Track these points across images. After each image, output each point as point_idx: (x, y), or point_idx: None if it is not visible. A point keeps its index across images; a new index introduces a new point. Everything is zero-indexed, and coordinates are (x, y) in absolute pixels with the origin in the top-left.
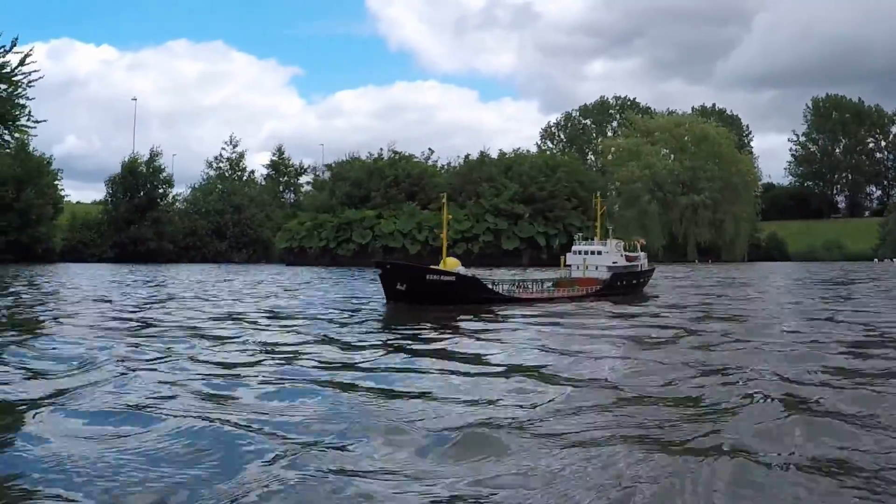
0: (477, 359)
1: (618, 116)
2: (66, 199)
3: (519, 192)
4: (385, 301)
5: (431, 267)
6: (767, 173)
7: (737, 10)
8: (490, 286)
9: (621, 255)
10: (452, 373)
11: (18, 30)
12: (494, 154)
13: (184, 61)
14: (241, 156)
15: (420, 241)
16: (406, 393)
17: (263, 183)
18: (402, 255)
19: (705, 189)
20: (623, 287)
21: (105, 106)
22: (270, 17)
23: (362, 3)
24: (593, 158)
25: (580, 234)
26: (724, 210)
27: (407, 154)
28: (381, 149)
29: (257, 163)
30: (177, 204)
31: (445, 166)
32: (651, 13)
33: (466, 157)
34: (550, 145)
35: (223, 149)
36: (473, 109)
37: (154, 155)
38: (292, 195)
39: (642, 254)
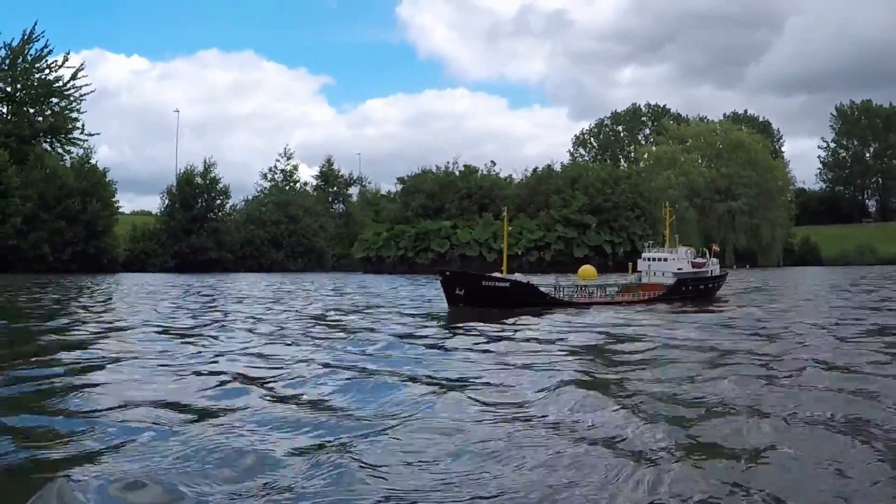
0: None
1: (650, 124)
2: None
3: (586, 203)
4: (447, 305)
5: (487, 274)
6: (801, 179)
7: (767, 13)
8: (552, 291)
9: (688, 262)
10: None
11: (51, 41)
12: (558, 166)
13: (215, 71)
14: (296, 167)
15: (496, 249)
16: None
17: (314, 193)
18: (479, 263)
19: (742, 195)
20: (690, 291)
21: (137, 116)
22: (300, 25)
23: (392, 12)
24: (626, 165)
25: (650, 242)
26: (760, 216)
27: (475, 167)
28: (448, 162)
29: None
30: (233, 214)
31: (509, 178)
32: (681, 18)
33: (534, 169)
34: (583, 152)
35: (277, 160)
36: (503, 117)
37: (209, 166)
38: (342, 206)
39: (713, 260)
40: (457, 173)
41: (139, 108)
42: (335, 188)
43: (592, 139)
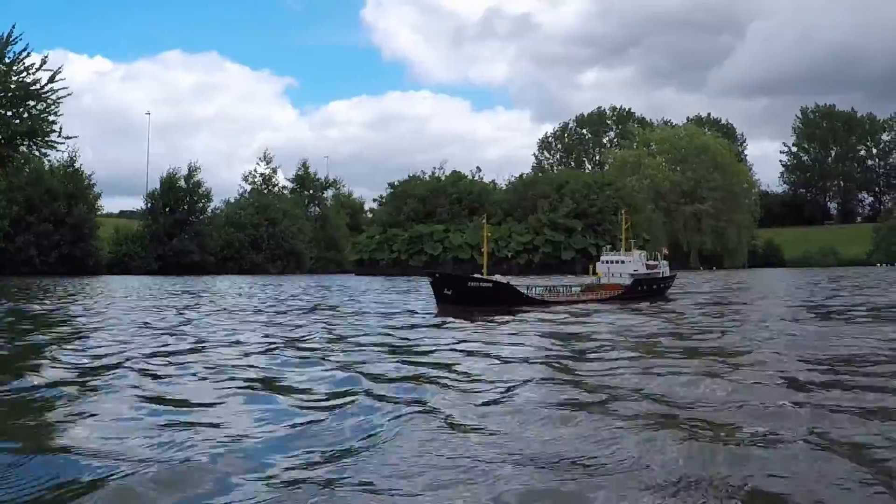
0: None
1: (615, 127)
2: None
3: (573, 209)
4: (436, 303)
5: (472, 276)
6: (765, 182)
7: (731, 19)
8: (523, 291)
9: (643, 264)
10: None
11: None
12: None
13: (178, 72)
14: (274, 171)
15: (488, 252)
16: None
17: (290, 196)
18: (471, 265)
19: (707, 198)
20: (644, 291)
21: (100, 117)
22: (265, 27)
23: (357, 14)
24: (590, 168)
25: (608, 247)
26: (725, 218)
27: (463, 173)
28: (435, 168)
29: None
30: (214, 218)
31: (492, 182)
32: (645, 22)
33: (521, 175)
34: (548, 155)
35: (258, 164)
36: (466, 119)
37: (193, 170)
38: (317, 208)
39: (664, 262)
40: (442, 178)
41: (102, 110)
42: (311, 191)
43: (557, 142)
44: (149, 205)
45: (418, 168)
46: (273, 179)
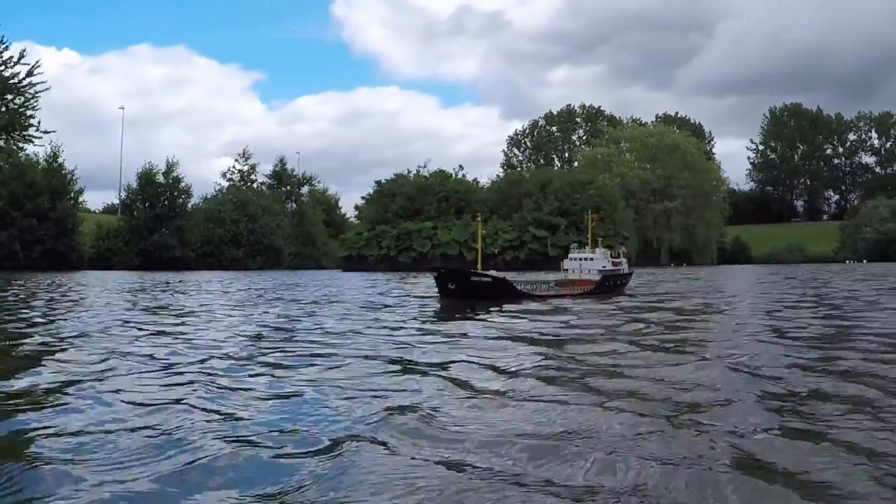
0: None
1: (584, 125)
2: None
3: (557, 207)
4: (439, 297)
5: (473, 271)
6: (733, 180)
7: (700, 18)
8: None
9: (609, 261)
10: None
11: None
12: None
13: (146, 66)
14: (253, 167)
15: (475, 248)
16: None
17: (267, 192)
18: (459, 261)
19: (677, 196)
20: (610, 287)
21: (68, 110)
22: (234, 21)
23: (327, 9)
24: (559, 165)
25: (575, 245)
26: (695, 216)
27: (448, 172)
28: (419, 167)
29: (218, 169)
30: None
31: (475, 181)
32: (615, 21)
33: (505, 174)
34: (517, 153)
35: (236, 160)
36: (434, 115)
37: (171, 165)
38: (293, 205)
39: (624, 260)
40: (426, 176)
41: (71, 103)
42: (288, 187)
43: (527, 139)
44: (127, 200)
45: (386, 164)
46: (252, 176)
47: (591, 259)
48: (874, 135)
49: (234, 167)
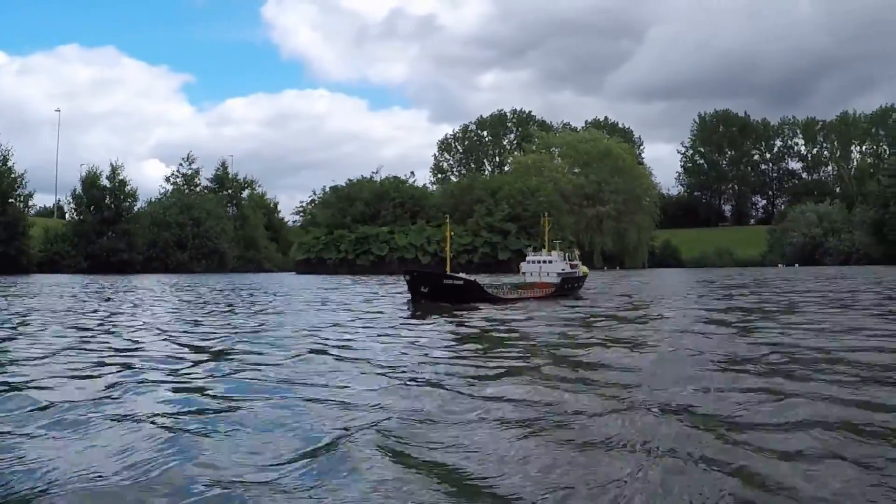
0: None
1: (515, 129)
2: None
3: (508, 213)
4: (411, 300)
5: (446, 273)
6: (660, 185)
7: (630, 24)
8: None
9: (567, 264)
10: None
11: None
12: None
13: (75, 66)
14: (197, 171)
15: (430, 252)
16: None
17: (212, 196)
18: (415, 264)
19: (609, 201)
20: (568, 289)
21: None
22: (164, 22)
23: (257, 11)
24: (490, 170)
25: (531, 248)
26: (627, 220)
27: (403, 178)
28: (373, 172)
29: (149, 173)
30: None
31: (424, 186)
32: (546, 25)
33: (458, 181)
34: (448, 157)
35: (181, 164)
36: (362, 118)
37: (116, 168)
38: (234, 208)
39: (579, 262)
40: (377, 181)
41: None
42: (230, 191)
43: (457, 144)
44: (72, 203)
45: (314, 166)
46: (195, 180)
47: (550, 262)
48: (800, 140)
49: (177, 171)
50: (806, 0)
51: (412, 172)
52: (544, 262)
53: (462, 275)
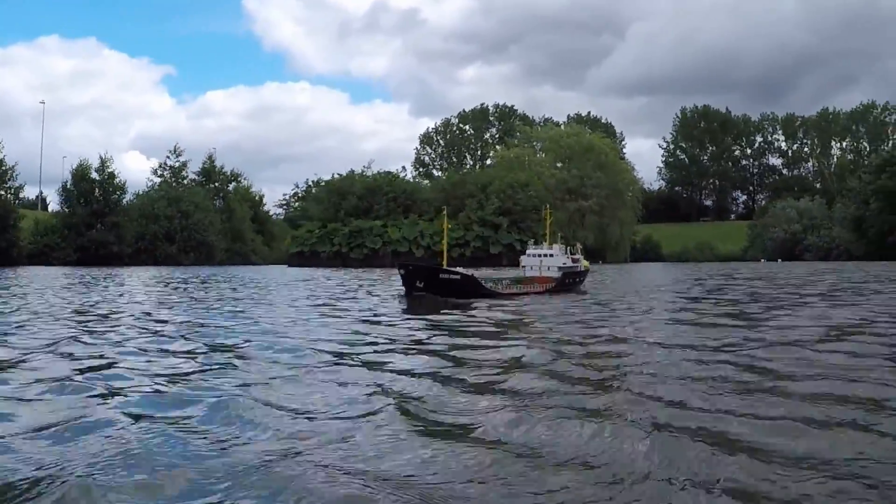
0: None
1: (497, 124)
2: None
3: (499, 207)
4: (405, 294)
5: (443, 267)
6: (647, 181)
7: (612, 19)
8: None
9: (568, 258)
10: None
11: None
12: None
13: (55, 58)
14: (185, 164)
15: (423, 245)
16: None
17: (199, 189)
18: (409, 257)
19: (592, 196)
20: (570, 284)
21: None
22: (145, 14)
23: (239, 3)
24: (472, 164)
25: (532, 241)
26: (609, 215)
27: (396, 173)
28: (364, 167)
29: (130, 165)
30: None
31: (414, 179)
32: (527, 20)
33: (449, 176)
34: (429, 150)
35: (168, 157)
36: (344, 111)
37: (105, 161)
38: (221, 201)
39: (580, 256)
40: (368, 175)
41: None
42: (217, 184)
43: (439, 137)
44: (62, 197)
45: (295, 159)
46: (183, 172)
47: (551, 255)
48: (781, 136)
49: (165, 163)
50: None
51: (403, 167)
52: (545, 255)
53: (459, 269)
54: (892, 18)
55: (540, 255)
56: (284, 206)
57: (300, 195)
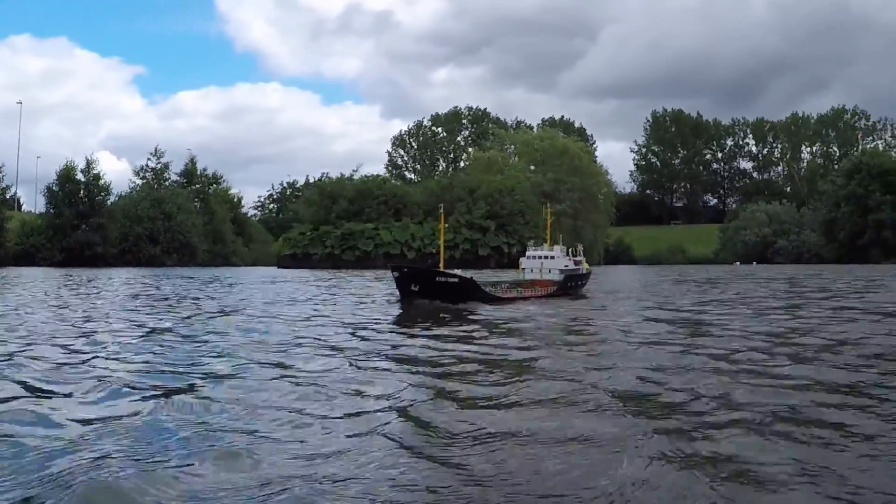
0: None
1: (470, 126)
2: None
3: (487, 211)
4: (400, 298)
5: (438, 270)
6: (618, 184)
7: (584, 23)
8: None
9: (570, 259)
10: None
11: None
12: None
13: (26, 57)
14: (166, 166)
15: (415, 248)
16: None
17: (181, 191)
18: (401, 259)
19: (566, 199)
20: (572, 287)
21: None
22: (116, 13)
23: (211, 3)
24: (445, 167)
25: (532, 242)
26: (583, 218)
27: (385, 177)
28: (353, 170)
29: (101, 166)
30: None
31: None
32: (500, 23)
33: (437, 179)
34: (402, 153)
35: (149, 159)
36: (315, 113)
37: (91, 163)
38: (201, 203)
39: (582, 258)
40: (359, 179)
41: None
42: (198, 185)
43: (412, 140)
44: (48, 198)
45: (265, 160)
46: (165, 174)
47: (552, 257)
48: (751, 140)
49: (147, 165)
50: (759, 2)
51: (392, 170)
52: (546, 257)
53: (457, 272)
54: (863, 24)
55: (540, 257)
56: (260, 208)
57: (275, 197)
